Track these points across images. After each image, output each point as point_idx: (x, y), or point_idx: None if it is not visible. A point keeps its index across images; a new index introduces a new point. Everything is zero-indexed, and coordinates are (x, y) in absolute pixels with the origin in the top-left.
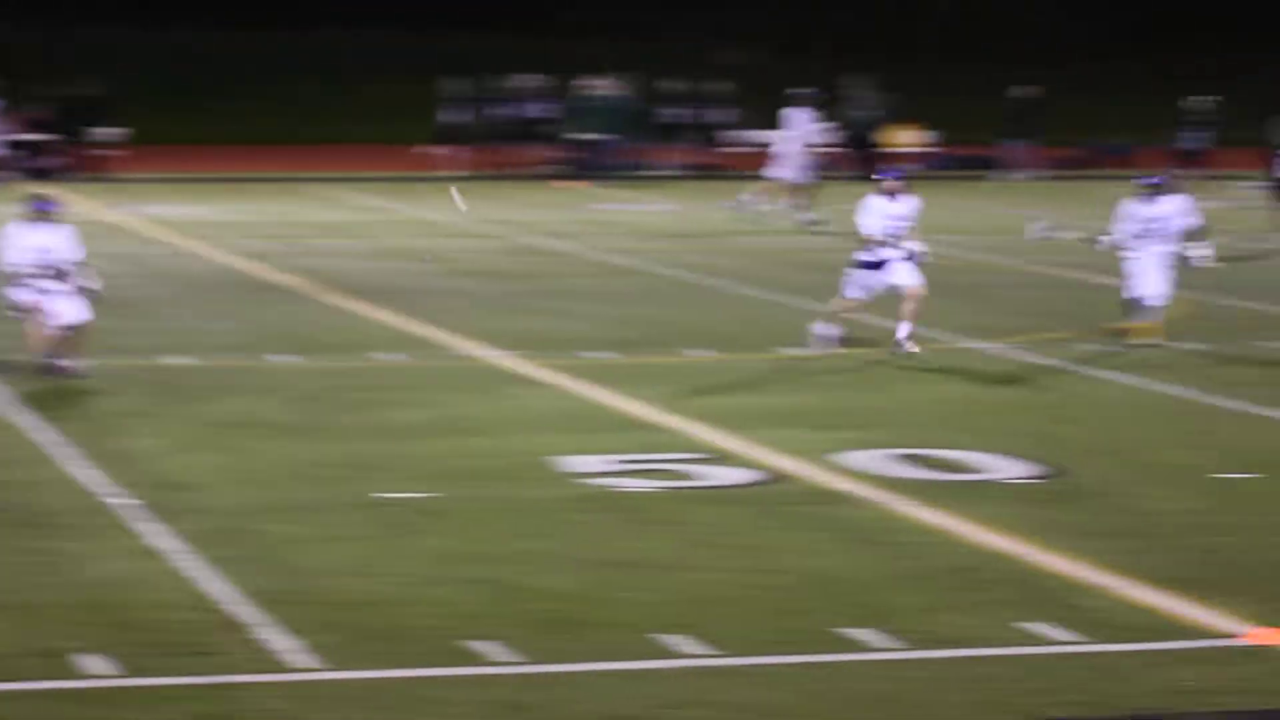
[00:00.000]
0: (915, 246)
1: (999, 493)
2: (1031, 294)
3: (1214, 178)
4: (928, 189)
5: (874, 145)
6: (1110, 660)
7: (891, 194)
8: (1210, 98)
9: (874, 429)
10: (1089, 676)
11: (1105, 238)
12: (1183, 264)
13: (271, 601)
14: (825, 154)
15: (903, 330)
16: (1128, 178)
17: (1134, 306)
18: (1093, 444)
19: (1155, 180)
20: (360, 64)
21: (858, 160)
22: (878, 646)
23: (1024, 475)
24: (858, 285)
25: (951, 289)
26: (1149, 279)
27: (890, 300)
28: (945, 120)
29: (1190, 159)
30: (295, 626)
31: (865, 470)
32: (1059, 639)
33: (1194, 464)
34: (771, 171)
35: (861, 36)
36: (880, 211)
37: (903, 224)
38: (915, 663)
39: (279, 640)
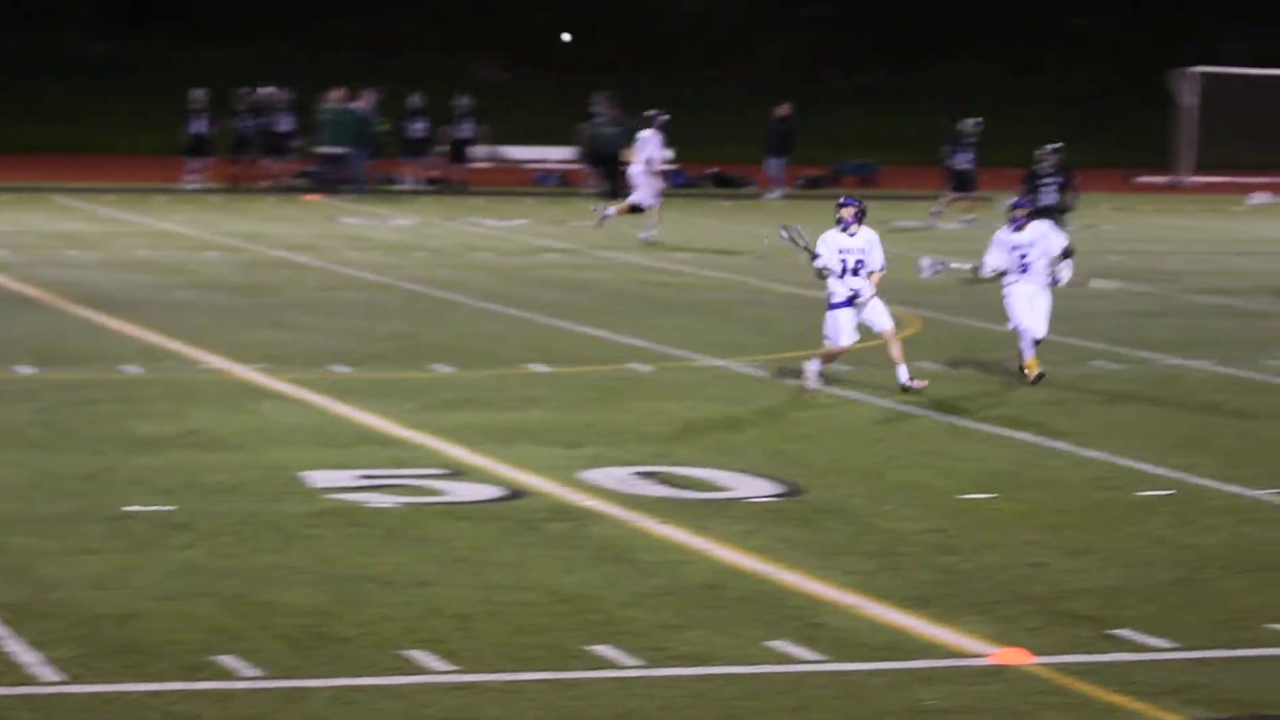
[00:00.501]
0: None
1: (742, 511)
2: (772, 313)
3: (982, 198)
4: (673, 205)
5: (620, 162)
6: (854, 679)
7: (845, 226)
8: (976, 119)
9: (617, 446)
10: (833, 695)
11: (986, 268)
12: (1053, 286)
13: (14, 614)
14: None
15: (902, 374)
16: (874, 197)
17: (1021, 338)
18: (832, 463)
19: (1023, 204)
20: (106, 72)
21: (602, 176)
22: (622, 664)
23: (766, 494)
24: (848, 329)
25: (692, 307)
26: (1026, 310)
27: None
28: (687, 137)
29: (963, 180)
30: (38, 640)
31: (609, 488)
32: (803, 658)
33: (932, 484)
34: (634, 196)
35: (613, 51)
36: (835, 245)
37: (858, 256)
38: (660, 680)
39: (23, 653)
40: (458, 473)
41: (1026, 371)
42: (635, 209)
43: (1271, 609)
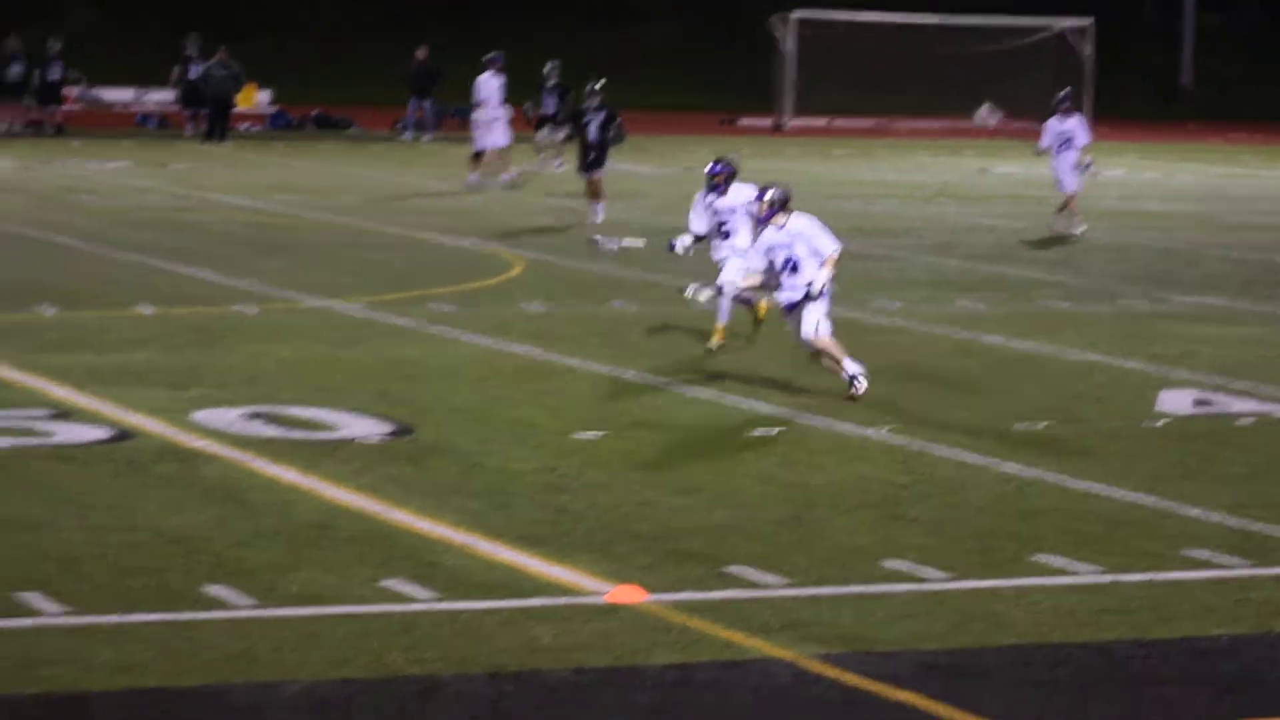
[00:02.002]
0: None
1: (351, 451)
2: (377, 255)
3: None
4: (273, 148)
5: (228, 106)
6: (468, 618)
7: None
8: (555, 62)
9: (225, 388)
10: (447, 634)
11: (682, 240)
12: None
13: None
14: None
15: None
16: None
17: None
18: (440, 402)
19: (721, 169)
20: None
21: (207, 119)
22: (235, 604)
23: (375, 433)
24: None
25: (297, 248)
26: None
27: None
28: (286, 80)
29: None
30: None
31: (218, 428)
32: (417, 596)
33: (541, 423)
34: (485, 141)
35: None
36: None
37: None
38: (273, 620)
39: None
40: (64, 414)
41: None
42: (479, 155)
43: (880, 546)
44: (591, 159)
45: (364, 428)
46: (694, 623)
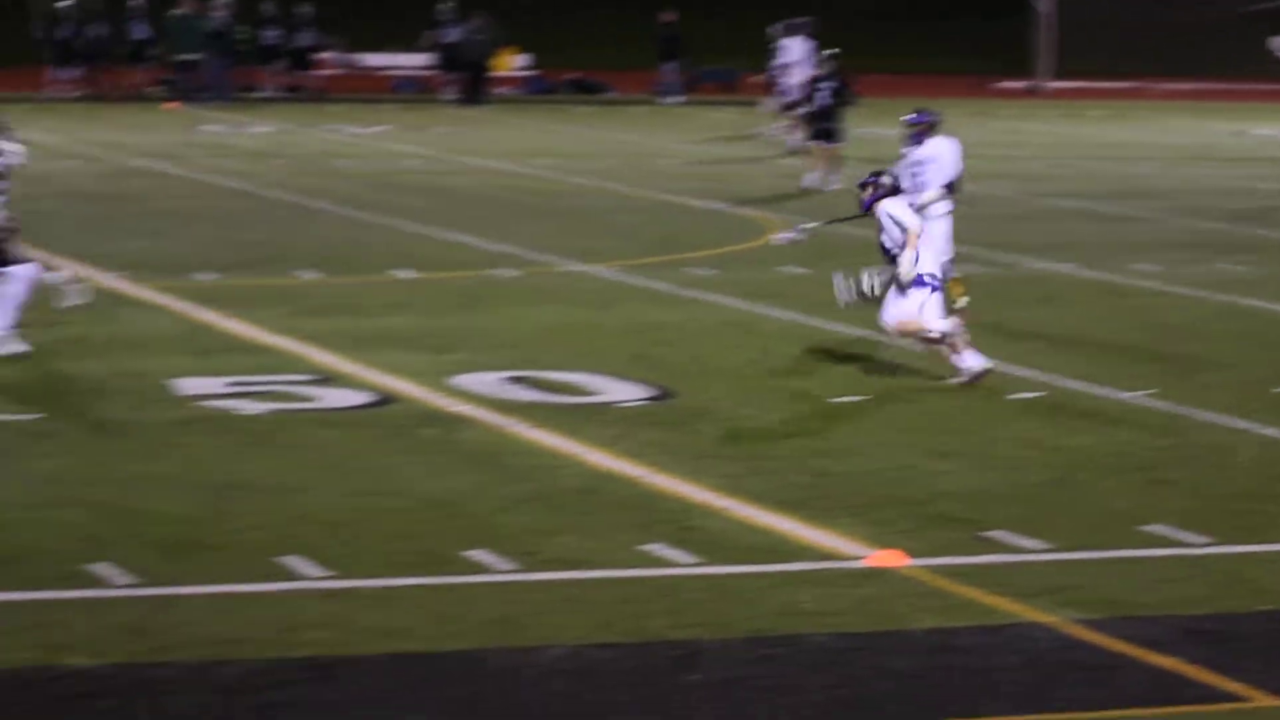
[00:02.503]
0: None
1: (611, 415)
2: (634, 218)
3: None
4: (531, 112)
5: (483, 69)
6: (730, 582)
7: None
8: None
9: (485, 352)
10: (709, 598)
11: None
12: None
13: None
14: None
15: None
16: (731, 104)
17: None
18: (700, 366)
19: (919, 118)
20: None
21: (465, 84)
22: (497, 568)
23: (635, 398)
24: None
25: (557, 213)
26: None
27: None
28: (543, 43)
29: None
30: None
31: (479, 393)
32: (678, 561)
33: (801, 386)
34: (775, 101)
35: None
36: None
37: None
38: (535, 585)
39: None
40: (327, 379)
41: None
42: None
43: (1141, 511)
44: (823, 128)
45: (624, 392)
46: (955, 587)
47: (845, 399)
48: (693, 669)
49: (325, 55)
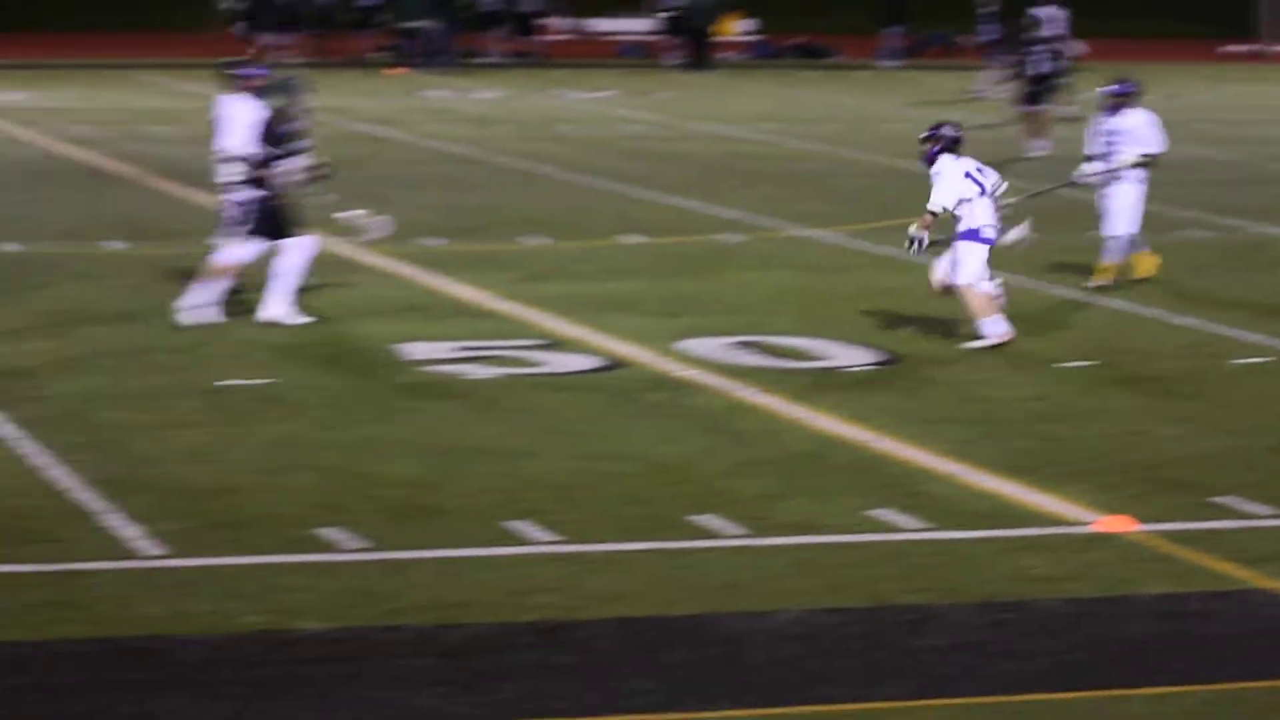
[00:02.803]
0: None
1: (839, 380)
2: (859, 183)
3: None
4: (756, 77)
5: (707, 34)
6: (958, 547)
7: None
8: None
9: (712, 316)
10: (937, 563)
11: (1085, 171)
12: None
13: (114, 489)
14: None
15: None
16: (951, 68)
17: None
18: (928, 330)
19: (1123, 88)
20: None
21: (690, 48)
22: (725, 533)
23: (862, 362)
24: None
25: (782, 178)
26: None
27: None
28: (768, 7)
29: (987, 51)
30: (139, 514)
31: (706, 357)
32: (906, 526)
33: (1031, 351)
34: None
35: None
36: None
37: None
38: (763, 549)
39: (124, 528)
40: (555, 344)
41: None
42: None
43: None
44: (1033, 92)
45: (851, 356)
46: (1184, 553)
47: (1073, 364)
48: (923, 634)
49: (550, 20)
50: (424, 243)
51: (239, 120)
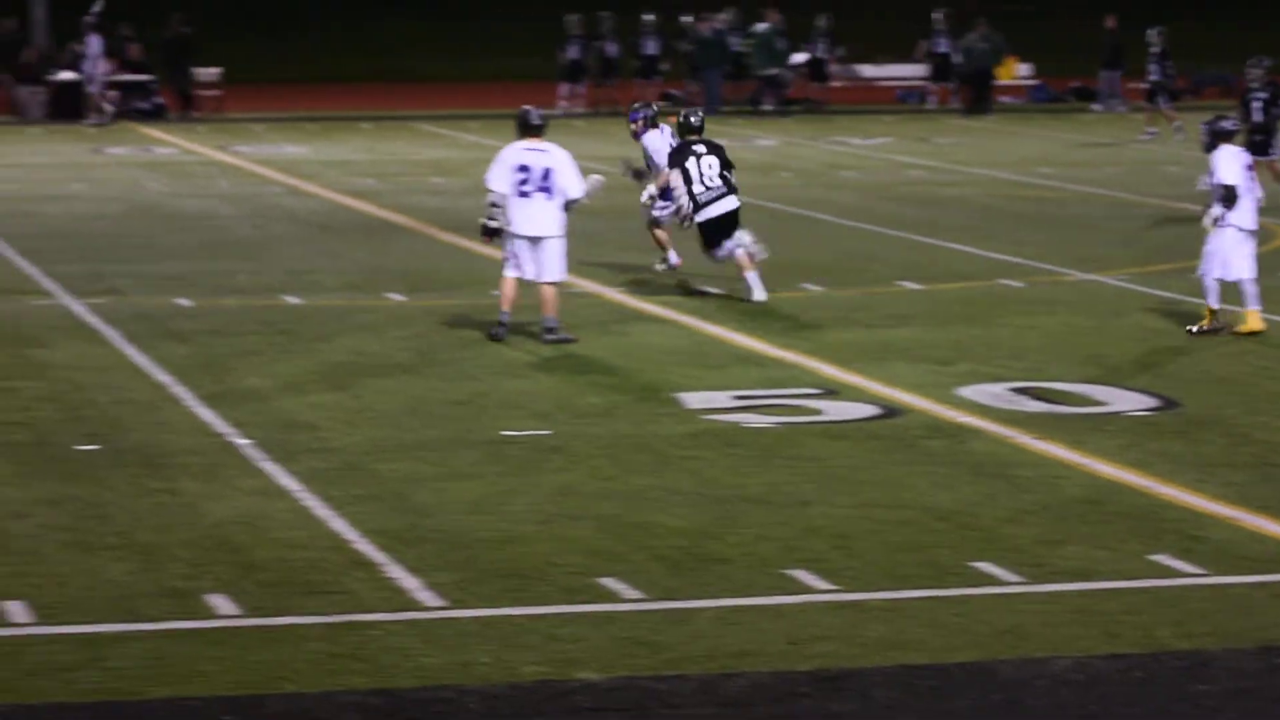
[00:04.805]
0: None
1: (1118, 425)
2: (1139, 226)
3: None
4: (1029, 120)
5: (988, 78)
6: (1237, 592)
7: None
8: (1158, 29)
9: (991, 362)
10: (1216, 608)
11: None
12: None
13: (394, 540)
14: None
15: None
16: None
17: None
18: (1204, 375)
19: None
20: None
21: (969, 93)
22: (1004, 580)
23: (1140, 407)
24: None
25: (1059, 221)
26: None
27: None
28: (1038, 52)
29: (1150, 92)
30: (417, 565)
31: (984, 404)
32: (1184, 571)
33: None
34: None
35: None
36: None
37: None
38: (1042, 595)
39: (405, 579)
40: (832, 391)
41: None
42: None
43: None
44: (1258, 141)
45: (1130, 401)
46: None
47: None
48: (1201, 679)
49: (832, 67)
50: (704, 290)
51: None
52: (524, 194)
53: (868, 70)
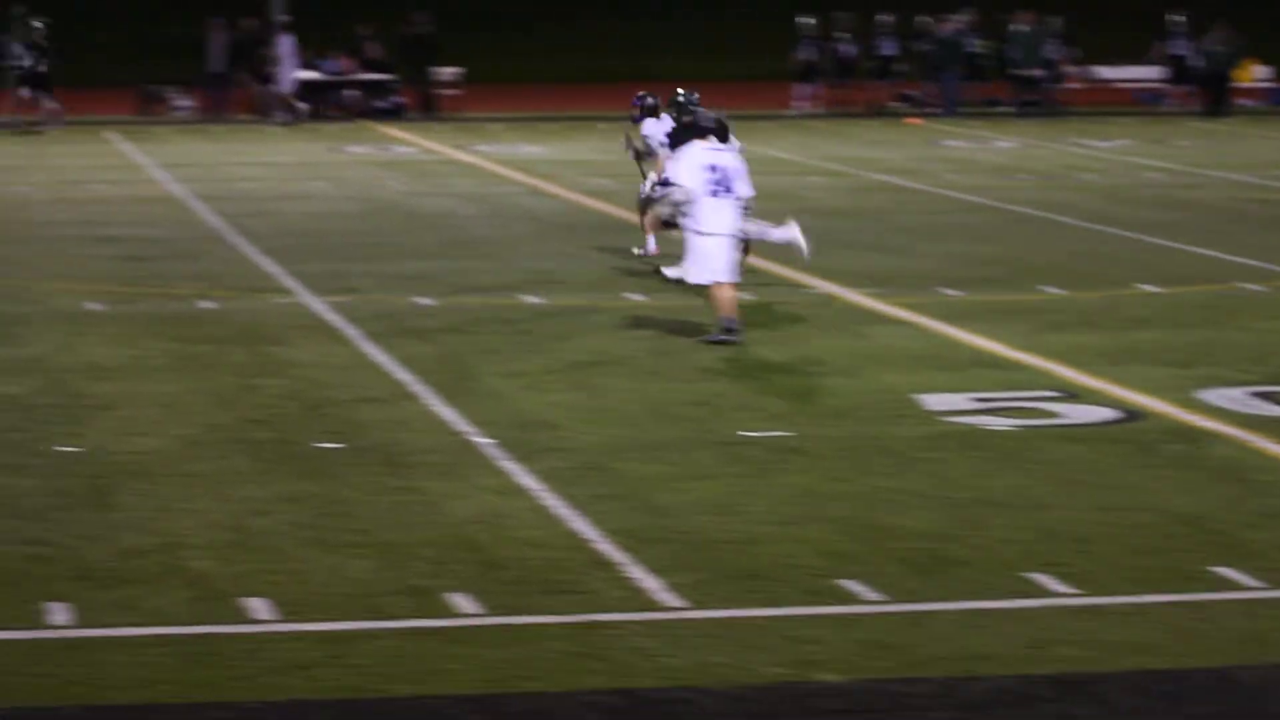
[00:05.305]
0: None
1: None
2: None
3: None
4: (1268, 123)
5: (1227, 80)
6: None
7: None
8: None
9: (1232, 366)
10: None
11: None
12: None
13: (633, 540)
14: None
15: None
16: None
17: None
18: None
19: None
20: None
21: (1208, 95)
22: (1245, 585)
23: None
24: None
25: None
26: None
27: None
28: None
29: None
30: (657, 565)
31: (1225, 408)
32: None
33: None
34: None
35: None
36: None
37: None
38: None
39: (644, 579)
40: (1072, 395)
41: None
42: None
43: None
44: None
45: None
46: None
47: None
48: None
49: (1067, 69)
50: (941, 292)
51: None
52: (715, 193)
53: (1105, 72)
